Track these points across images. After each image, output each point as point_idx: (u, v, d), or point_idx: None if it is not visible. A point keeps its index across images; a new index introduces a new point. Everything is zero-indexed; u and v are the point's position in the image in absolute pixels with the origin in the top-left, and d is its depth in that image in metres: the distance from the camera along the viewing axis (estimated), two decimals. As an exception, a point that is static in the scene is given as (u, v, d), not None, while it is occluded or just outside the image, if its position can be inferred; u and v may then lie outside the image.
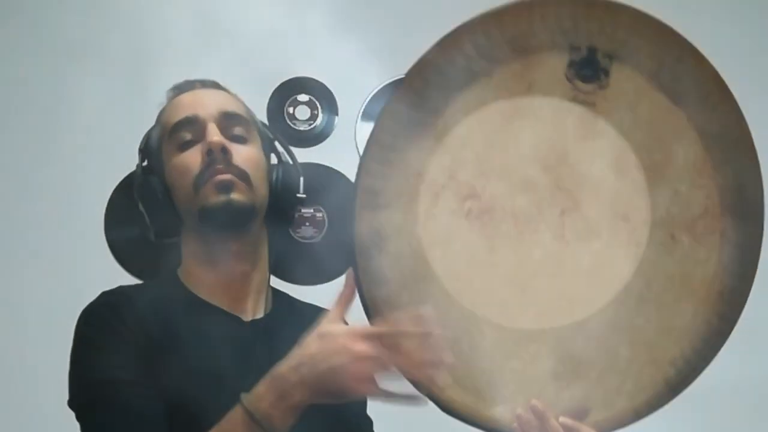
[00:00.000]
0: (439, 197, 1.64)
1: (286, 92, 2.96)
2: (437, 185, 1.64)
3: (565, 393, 1.66)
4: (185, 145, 1.65)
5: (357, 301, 1.60)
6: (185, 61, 2.42)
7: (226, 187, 1.61)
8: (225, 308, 1.74)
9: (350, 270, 1.53)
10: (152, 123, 1.76)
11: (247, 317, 1.76)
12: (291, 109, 2.94)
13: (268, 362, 1.56)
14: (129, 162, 1.79)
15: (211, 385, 1.62)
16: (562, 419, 1.62)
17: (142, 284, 1.87)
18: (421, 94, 1.60)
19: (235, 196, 1.61)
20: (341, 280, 1.61)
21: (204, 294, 1.74)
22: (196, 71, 1.80)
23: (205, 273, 1.70)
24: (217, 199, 1.61)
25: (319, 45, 2.70)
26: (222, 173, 1.61)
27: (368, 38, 2.02)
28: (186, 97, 1.70)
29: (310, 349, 1.46)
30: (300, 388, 1.46)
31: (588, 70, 1.64)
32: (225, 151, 1.61)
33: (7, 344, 2.74)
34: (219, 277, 1.69)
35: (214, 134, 1.62)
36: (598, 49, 1.64)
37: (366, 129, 2.69)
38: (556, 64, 1.65)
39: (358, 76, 1.72)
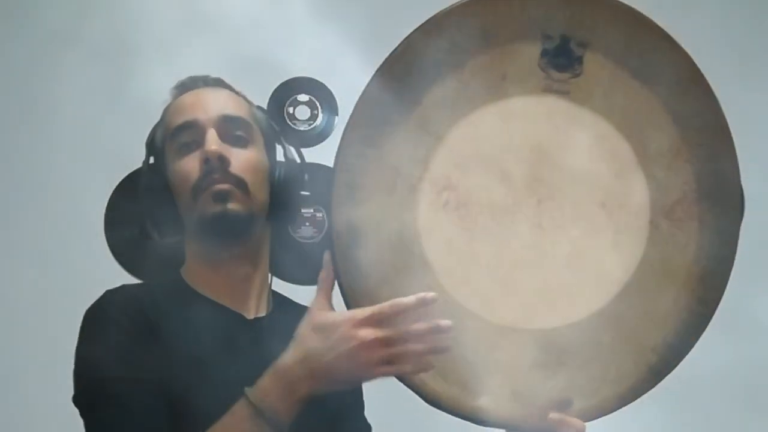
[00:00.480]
0: (415, 190, 1.64)
1: (286, 92, 2.96)
2: (413, 177, 1.63)
3: (548, 382, 1.66)
4: (185, 149, 1.66)
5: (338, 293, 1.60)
6: (180, 61, 2.41)
7: (223, 197, 1.62)
8: (229, 306, 1.75)
9: (327, 254, 1.54)
10: (133, 112, 1.75)
11: (250, 315, 1.77)
12: (291, 109, 2.93)
13: (270, 359, 1.57)
14: (110, 151, 1.78)
15: (214, 381, 1.63)
16: (551, 415, 1.63)
17: (146, 283, 1.87)
18: (395, 86, 1.60)
19: (231, 206, 1.62)
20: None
21: (208, 292, 1.75)
22: (192, 70, 1.81)
23: (208, 273, 1.71)
24: (213, 209, 1.62)
25: (320, 45, 2.69)
26: (219, 183, 1.62)
27: (369, 38, 2.03)
28: (188, 98, 1.70)
29: (313, 341, 1.47)
30: (308, 381, 1.47)
31: (562, 59, 1.64)
32: (222, 159, 1.62)
33: (8, 344, 2.75)
34: (222, 278, 1.70)
35: (212, 142, 1.62)
36: (571, 38, 1.64)
37: None
38: (528, 53, 1.64)
39: (358, 76, 1.72)
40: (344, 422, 1.75)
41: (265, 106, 2.04)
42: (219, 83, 1.75)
